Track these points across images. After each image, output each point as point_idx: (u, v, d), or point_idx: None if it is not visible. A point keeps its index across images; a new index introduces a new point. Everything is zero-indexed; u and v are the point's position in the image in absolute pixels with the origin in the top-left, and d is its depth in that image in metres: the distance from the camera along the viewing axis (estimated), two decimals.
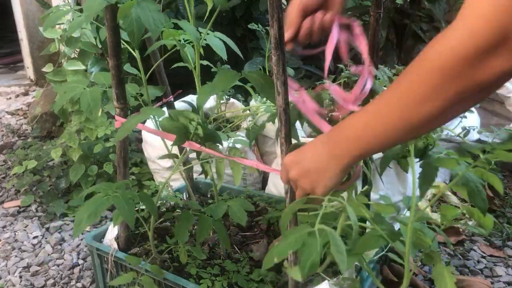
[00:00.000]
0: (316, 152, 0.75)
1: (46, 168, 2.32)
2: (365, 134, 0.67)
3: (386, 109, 0.63)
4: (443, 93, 0.57)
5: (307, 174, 0.77)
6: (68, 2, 2.48)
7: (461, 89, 0.56)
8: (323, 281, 1.09)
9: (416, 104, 0.59)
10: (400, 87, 0.62)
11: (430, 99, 0.58)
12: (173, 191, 1.58)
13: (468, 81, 0.55)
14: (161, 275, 1.14)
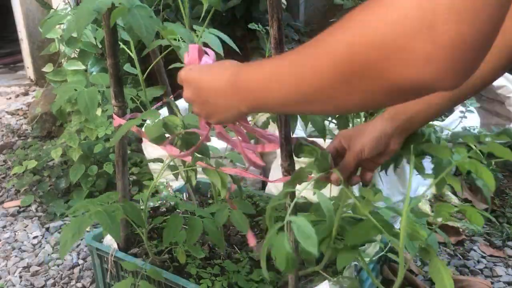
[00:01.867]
0: (218, 87, 0.70)
1: (46, 168, 2.32)
2: (263, 91, 0.62)
3: (283, 77, 0.57)
4: (344, 79, 0.49)
5: (205, 104, 0.73)
6: (68, 2, 2.47)
7: (365, 80, 0.47)
8: (323, 280, 1.09)
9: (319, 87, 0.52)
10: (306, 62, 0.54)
11: (328, 81, 0.51)
12: (173, 191, 1.58)
13: (376, 72, 0.46)
14: (159, 277, 1.14)
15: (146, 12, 0.94)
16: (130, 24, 0.94)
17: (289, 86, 0.57)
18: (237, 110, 0.68)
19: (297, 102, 0.58)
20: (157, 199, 1.50)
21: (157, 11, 2.56)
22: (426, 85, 0.44)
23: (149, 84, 1.39)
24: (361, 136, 0.85)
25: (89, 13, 0.91)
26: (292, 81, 0.56)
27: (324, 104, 0.55)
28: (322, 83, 0.52)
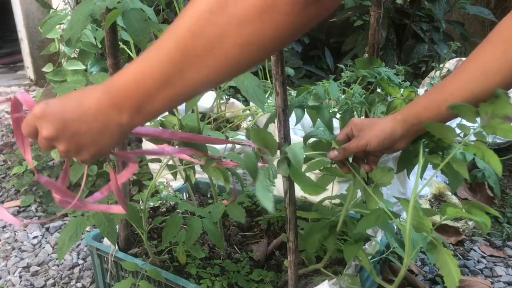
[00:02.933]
0: (88, 108, 0.60)
1: (46, 168, 2.32)
2: (139, 81, 0.55)
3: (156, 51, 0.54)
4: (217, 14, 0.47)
5: (74, 136, 0.62)
6: (68, 2, 2.47)
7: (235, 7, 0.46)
8: (323, 281, 1.09)
9: None
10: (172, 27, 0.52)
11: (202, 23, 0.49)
12: (173, 191, 1.58)
13: None
14: (159, 277, 1.14)
15: (140, 15, 0.94)
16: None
17: (164, 57, 0.52)
18: (117, 125, 0.59)
19: (175, 71, 0.52)
20: (157, 199, 1.50)
21: (157, 11, 2.56)
22: None
23: None
24: (370, 130, 0.88)
25: (84, 18, 0.92)
26: (164, 51, 0.52)
27: (202, 60, 0.51)
28: (193, 30, 0.49)
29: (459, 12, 3.21)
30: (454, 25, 2.83)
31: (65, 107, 0.61)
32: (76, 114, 0.60)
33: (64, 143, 0.63)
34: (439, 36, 2.73)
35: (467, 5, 2.73)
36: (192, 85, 0.54)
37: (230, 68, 0.52)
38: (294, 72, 2.31)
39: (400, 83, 1.22)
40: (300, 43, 3.09)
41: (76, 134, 0.62)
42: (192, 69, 0.52)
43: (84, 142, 0.62)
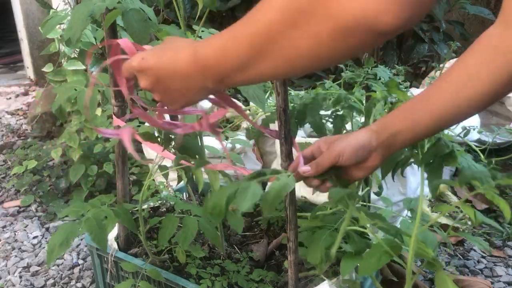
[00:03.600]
0: (179, 69, 0.67)
1: (46, 168, 2.32)
2: (224, 64, 0.61)
3: (240, 37, 0.58)
4: (294, 22, 0.50)
5: (167, 91, 0.70)
6: (68, 2, 2.48)
7: (313, 21, 0.48)
8: (323, 281, 1.09)
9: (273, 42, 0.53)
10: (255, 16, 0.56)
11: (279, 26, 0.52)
12: (173, 191, 1.58)
13: (324, 10, 0.47)
14: (159, 277, 1.14)
15: (140, 15, 0.94)
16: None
17: (243, 44, 0.57)
18: (203, 88, 0.67)
19: (252, 60, 0.57)
20: (157, 199, 1.50)
21: (157, 11, 2.56)
22: (369, 20, 0.46)
23: None
24: (342, 142, 0.82)
25: (84, 18, 0.91)
26: (245, 37, 0.57)
27: (275, 57, 0.55)
28: (271, 29, 0.53)
29: (459, 12, 3.21)
30: (454, 25, 2.83)
31: (159, 63, 0.69)
32: (168, 73, 0.68)
33: (157, 94, 0.72)
34: (439, 36, 2.73)
35: (467, 5, 2.73)
36: (262, 75, 0.60)
37: (296, 70, 0.57)
38: None
39: (400, 83, 1.22)
40: None
41: (167, 89, 0.70)
42: (263, 63, 0.57)
43: (174, 96, 0.70)
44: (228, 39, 0.60)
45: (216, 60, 0.62)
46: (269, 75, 0.61)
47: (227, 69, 0.61)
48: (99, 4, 0.93)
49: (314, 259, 1.01)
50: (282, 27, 0.52)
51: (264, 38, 0.55)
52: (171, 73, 0.68)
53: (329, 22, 0.48)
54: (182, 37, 1.02)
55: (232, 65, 0.60)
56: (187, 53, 0.66)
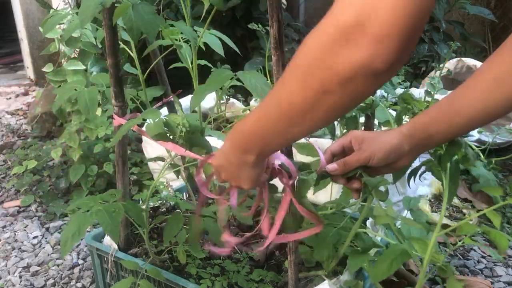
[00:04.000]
0: (225, 157, 0.79)
1: (46, 168, 2.32)
2: (258, 132, 0.70)
3: (268, 110, 0.66)
4: (309, 87, 0.57)
5: (232, 175, 0.81)
6: (68, 2, 2.48)
7: (322, 81, 0.55)
8: (323, 281, 1.09)
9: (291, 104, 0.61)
10: (277, 85, 0.64)
11: (300, 95, 0.59)
12: (173, 191, 1.58)
13: (327, 69, 0.54)
14: (159, 277, 1.14)
15: (150, 9, 0.95)
16: (132, 23, 0.94)
17: (273, 114, 0.65)
18: (247, 162, 0.75)
19: (283, 127, 0.65)
20: (157, 199, 1.50)
21: (157, 11, 2.56)
22: (365, 67, 0.51)
23: (149, 84, 1.39)
24: (373, 143, 0.83)
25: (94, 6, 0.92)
26: (273, 109, 0.64)
27: (302, 120, 0.62)
28: (293, 99, 0.60)
29: (459, 12, 3.21)
30: (454, 25, 2.83)
31: (221, 159, 0.82)
32: (226, 161, 0.80)
33: (231, 181, 0.84)
34: (439, 36, 2.73)
35: (467, 5, 2.73)
36: (293, 138, 0.69)
37: (318, 125, 0.64)
38: None
39: (400, 83, 1.22)
40: (300, 43, 3.09)
41: (232, 173, 0.81)
42: (293, 128, 0.65)
43: (237, 178, 0.81)
44: (259, 112, 0.68)
45: (252, 133, 0.71)
46: (297, 137, 0.69)
47: (264, 140, 0.70)
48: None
49: (321, 256, 1.02)
50: (301, 94, 0.59)
51: (289, 107, 0.61)
52: (224, 160, 0.81)
53: (335, 77, 0.54)
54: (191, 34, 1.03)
55: (267, 135, 0.68)
56: (228, 140, 0.78)
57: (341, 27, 0.51)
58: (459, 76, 2.47)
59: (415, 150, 0.82)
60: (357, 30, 0.50)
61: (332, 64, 0.53)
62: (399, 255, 0.86)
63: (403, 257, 0.86)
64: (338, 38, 0.51)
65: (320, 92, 0.56)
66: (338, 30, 0.51)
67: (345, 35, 0.51)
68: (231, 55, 1.30)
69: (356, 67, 0.52)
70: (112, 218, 1.01)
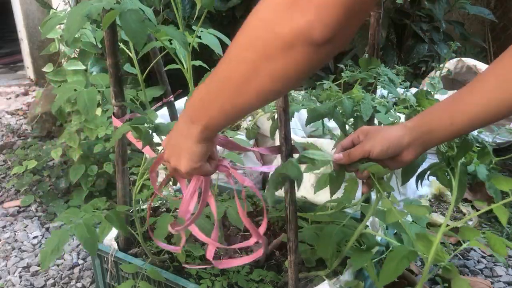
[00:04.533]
0: (177, 126, 0.77)
1: (46, 168, 2.32)
2: (205, 100, 0.68)
3: (215, 78, 0.65)
4: (253, 51, 0.57)
5: (173, 150, 0.79)
6: (68, 2, 2.47)
7: (265, 45, 0.55)
8: (323, 281, 1.09)
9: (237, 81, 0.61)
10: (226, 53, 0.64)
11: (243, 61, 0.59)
12: (173, 191, 1.58)
13: (271, 32, 0.54)
14: (159, 277, 1.13)
15: (137, 16, 0.93)
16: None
17: (218, 82, 0.64)
18: (192, 134, 0.72)
19: (228, 97, 0.64)
20: (157, 199, 1.50)
21: (157, 11, 2.56)
22: (304, 32, 0.52)
23: (149, 84, 1.38)
24: (376, 136, 0.86)
25: (80, 18, 0.91)
26: (219, 76, 0.65)
27: (246, 89, 0.61)
28: (237, 65, 0.60)
29: (459, 12, 3.21)
30: (454, 25, 2.83)
31: (171, 131, 0.81)
32: (173, 132, 0.79)
33: (170, 157, 0.80)
34: (439, 36, 2.73)
35: (467, 5, 2.72)
36: (239, 108, 0.66)
37: (264, 96, 0.63)
38: None
39: (400, 83, 1.22)
40: None
41: (172, 147, 0.79)
42: (237, 98, 0.63)
43: (176, 152, 0.78)
44: (207, 85, 0.68)
45: (201, 106, 0.69)
46: (243, 109, 0.66)
47: (212, 111, 0.68)
48: (96, 4, 0.93)
49: (325, 253, 1.02)
50: (245, 65, 0.59)
51: (230, 74, 0.62)
52: (173, 132, 0.79)
53: (277, 41, 0.54)
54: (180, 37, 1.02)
55: (215, 107, 0.67)
56: (182, 115, 0.75)
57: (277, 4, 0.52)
58: (459, 76, 2.47)
59: (416, 144, 0.84)
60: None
61: (275, 27, 0.54)
62: (405, 256, 0.86)
63: (409, 258, 0.86)
64: (286, 2, 0.52)
65: (263, 57, 0.56)
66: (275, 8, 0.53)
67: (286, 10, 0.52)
68: None
69: (297, 32, 0.52)
70: (92, 232, 1.03)
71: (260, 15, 0.56)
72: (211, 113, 0.68)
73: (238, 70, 0.60)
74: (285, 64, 0.56)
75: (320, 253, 1.03)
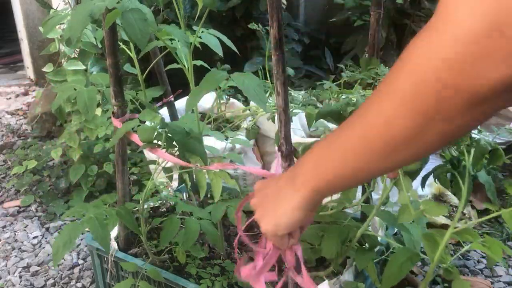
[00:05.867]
0: (276, 186, 0.65)
1: (46, 168, 2.32)
2: (321, 168, 0.57)
3: (346, 138, 0.53)
4: (415, 113, 0.45)
5: (263, 201, 0.67)
6: (68, 2, 2.47)
7: (437, 104, 0.43)
8: (323, 281, 1.09)
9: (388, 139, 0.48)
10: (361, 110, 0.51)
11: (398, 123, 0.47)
12: (173, 191, 1.58)
13: (447, 90, 0.43)
14: (159, 277, 1.13)
15: (140, 15, 0.93)
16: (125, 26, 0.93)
17: (352, 143, 0.52)
18: (296, 199, 0.60)
19: (362, 161, 0.52)
20: (157, 199, 1.50)
21: (157, 11, 2.56)
22: (507, 82, 0.40)
23: (149, 84, 1.39)
24: None
25: (83, 18, 0.91)
26: (354, 138, 0.52)
27: (390, 154, 0.49)
28: (387, 128, 0.48)
29: None
30: None
31: (264, 181, 0.70)
32: (268, 182, 0.68)
33: (257, 206, 0.68)
34: None
35: None
36: (368, 173, 0.54)
37: (411, 160, 0.51)
38: (294, 72, 2.32)
39: None
40: (300, 43, 3.09)
41: (262, 197, 0.67)
42: (373, 160, 0.51)
43: (266, 205, 0.66)
44: (333, 142, 0.56)
45: (322, 164, 0.57)
46: (376, 174, 0.56)
47: (323, 173, 0.56)
48: (98, 4, 0.93)
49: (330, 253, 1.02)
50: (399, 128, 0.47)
51: (377, 141, 0.49)
52: (271, 184, 0.67)
53: (457, 101, 0.43)
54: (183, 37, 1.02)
55: (331, 169, 0.55)
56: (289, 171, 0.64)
57: (468, 37, 0.40)
58: None
59: None
60: (493, 39, 0.39)
61: (457, 84, 0.42)
62: (408, 258, 0.86)
63: (412, 260, 0.86)
64: (465, 52, 0.41)
65: (430, 118, 0.45)
66: (465, 41, 0.40)
67: (476, 47, 0.40)
68: (231, 55, 1.30)
69: (494, 85, 0.41)
70: (103, 225, 1.03)
71: (421, 73, 0.44)
72: (327, 176, 0.56)
73: (389, 131, 0.48)
74: (463, 123, 0.45)
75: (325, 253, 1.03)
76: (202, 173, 1.12)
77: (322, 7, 3.47)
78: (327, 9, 3.39)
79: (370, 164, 0.51)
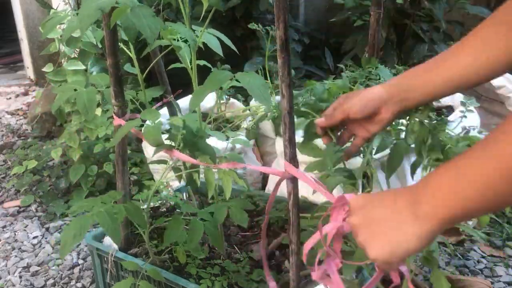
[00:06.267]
0: (388, 201, 0.61)
1: (46, 168, 2.32)
2: (453, 198, 0.54)
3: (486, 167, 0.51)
4: None
5: (370, 223, 0.61)
6: (68, 2, 2.47)
7: None
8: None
9: None
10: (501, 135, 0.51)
11: None
12: (173, 191, 1.58)
13: None
14: (159, 277, 1.13)
15: (148, 11, 0.93)
16: (128, 24, 0.93)
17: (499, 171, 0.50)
18: (421, 228, 0.57)
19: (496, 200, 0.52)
20: (157, 199, 1.50)
21: (157, 11, 2.56)
22: None
23: (150, 84, 1.39)
24: (355, 96, 0.87)
25: (93, 12, 0.91)
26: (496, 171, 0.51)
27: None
28: None
29: (459, 12, 3.21)
30: (454, 25, 2.83)
31: (373, 202, 0.64)
32: (379, 208, 0.62)
33: (361, 227, 0.63)
34: (439, 36, 2.73)
35: (467, 5, 2.73)
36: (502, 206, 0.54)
37: None
38: (294, 72, 2.32)
39: None
40: (300, 43, 3.10)
41: (370, 217, 0.62)
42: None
43: (376, 228, 0.61)
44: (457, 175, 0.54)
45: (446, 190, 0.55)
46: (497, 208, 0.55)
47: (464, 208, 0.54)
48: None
49: None
50: None
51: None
52: (381, 207, 0.61)
53: None
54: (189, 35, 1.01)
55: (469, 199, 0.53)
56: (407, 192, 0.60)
57: None
58: None
59: (393, 101, 0.83)
60: None
61: None
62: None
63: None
64: None
65: None
66: None
67: None
68: (231, 55, 1.30)
69: None
70: (113, 219, 1.01)
71: None
72: (456, 210, 0.54)
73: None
74: None
75: None
76: (212, 173, 1.12)
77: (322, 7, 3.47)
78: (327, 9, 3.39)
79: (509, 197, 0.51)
